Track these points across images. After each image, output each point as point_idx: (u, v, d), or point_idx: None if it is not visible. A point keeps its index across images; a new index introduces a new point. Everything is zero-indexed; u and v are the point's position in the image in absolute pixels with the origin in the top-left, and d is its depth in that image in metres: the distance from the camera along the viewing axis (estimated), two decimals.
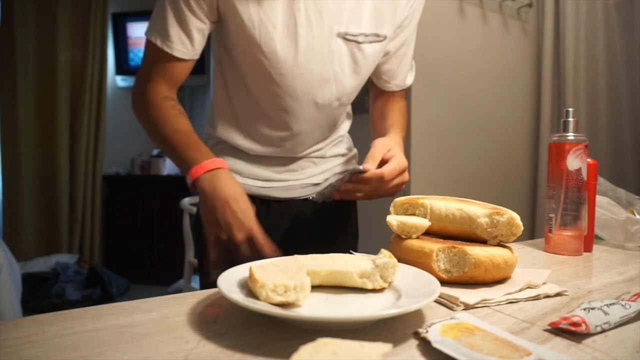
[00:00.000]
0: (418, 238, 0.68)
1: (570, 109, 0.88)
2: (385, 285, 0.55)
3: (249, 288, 0.51)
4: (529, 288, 0.62)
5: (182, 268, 2.38)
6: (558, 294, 0.61)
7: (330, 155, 1.05)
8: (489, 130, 2.40)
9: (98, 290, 3.29)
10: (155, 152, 4.01)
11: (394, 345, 0.43)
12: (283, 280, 0.48)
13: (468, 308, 0.55)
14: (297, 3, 0.85)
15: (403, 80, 1.05)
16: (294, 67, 0.87)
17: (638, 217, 1.00)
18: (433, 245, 0.63)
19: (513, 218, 0.64)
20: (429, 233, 0.71)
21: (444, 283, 0.60)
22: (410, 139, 2.10)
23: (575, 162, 0.85)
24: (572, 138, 0.86)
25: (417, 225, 0.67)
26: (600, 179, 1.01)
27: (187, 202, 2.33)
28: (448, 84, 2.22)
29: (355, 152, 1.12)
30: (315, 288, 0.55)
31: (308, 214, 1.03)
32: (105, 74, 3.89)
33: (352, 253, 0.65)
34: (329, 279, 0.55)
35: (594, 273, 0.76)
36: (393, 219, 0.68)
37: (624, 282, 0.69)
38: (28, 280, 3.03)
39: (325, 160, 1.04)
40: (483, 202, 0.71)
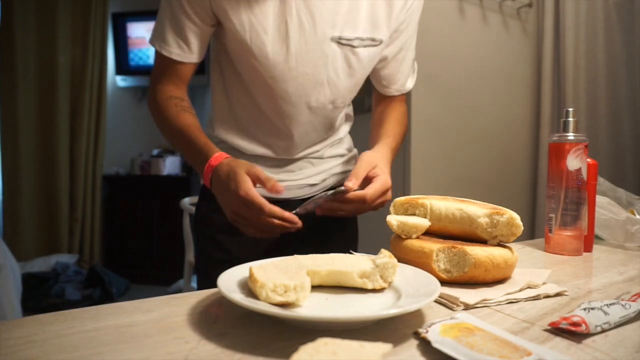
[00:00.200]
0: (418, 238, 0.68)
1: (570, 109, 0.88)
2: (385, 285, 0.55)
3: (249, 288, 0.51)
4: (529, 288, 0.62)
5: (182, 268, 2.38)
6: (558, 294, 0.61)
7: (329, 156, 1.04)
8: (489, 130, 2.40)
9: (98, 290, 3.29)
10: (156, 152, 4.01)
11: (394, 345, 0.44)
12: (283, 280, 0.48)
13: (468, 308, 0.55)
14: (289, 7, 0.85)
15: (403, 85, 1.05)
16: (286, 70, 0.88)
17: (638, 217, 1.00)
18: (433, 245, 0.63)
19: (513, 218, 0.64)
20: (429, 233, 0.71)
21: (444, 283, 0.60)
22: (410, 139, 2.10)
23: (575, 162, 0.85)
24: (572, 138, 0.86)
25: (417, 225, 0.67)
26: (600, 179, 1.01)
27: (187, 202, 2.33)
28: (448, 84, 2.22)
29: (355, 152, 1.12)
30: (315, 288, 0.55)
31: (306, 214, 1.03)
32: (105, 74, 3.89)
33: (352, 253, 0.66)
34: (329, 279, 0.55)
35: (594, 273, 0.76)
36: (393, 219, 0.68)
37: (624, 282, 0.70)
38: (28, 280, 3.03)
39: (324, 161, 1.04)
40: (483, 202, 0.71)
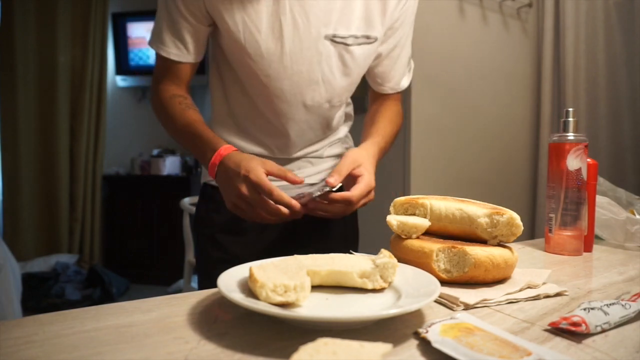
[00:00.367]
0: (418, 238, 0.68)
1: (570, 109, 0.88)
2: (385, 285, 0.55)
3: (249, 288, 0.51)
4: (529, 288, 0.62)
5: (182, 268, 2.38)
6: (558, 294, 0.61)
7: (328, 156, 1.04)
8: (489, 130, 2.40)
9: (98, 290, 3.29)
10: (155, 152, 4.01)
11: (394, 345, 0.43)
12: (283, 280, 0.48)
13: (468, 308, 0.55)
14: (282, 6, 0.85)
15: (397, 83, 1.04)
16: (280, 68, 0.88)
17: (638, 217, 1.00)
18: (433, 245, 0.63)
19: (513, 218, 0.64)
20: (429, 233, 0.71)
21: (444, 283, 0.60)
22: (410, 139, 2.10)
23: (575, 162, 0.85)
24: (572, 138, 0.86)
25: (417, 225, 0.67)
26: (600, 179, 1.01)
27: (187, 202, 2.33)
28: (448, 84, 2.22)
29: None
30: (315, 288, 0.55)
31: (306, 214, 1.02)
32: (105, 74, 3.89)
33: (352, 253, 0.65)
34: (329, 279, 0.55)
35: (594, 273, 0.76)
36: (393, 219, 0.68)
37: (624, 282, 0.70)
38: (28, 280, 3.03)
39: (323, 161, 1.04)
40: (483, 202, 0.71)
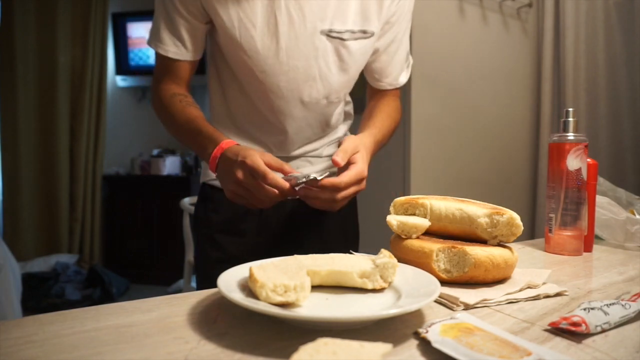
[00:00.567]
0: (418, 238, 0.68)
1: (570, 109, 0.88)
2: (385, 285, 0.55)
3: (249, 288, 0.51)
4: (529, 288, 0.62)
5: (182, 268, 2.38)
6: (558, 294, 0.61)
7: (327, 155, 1.04)
8: (489, 130, 2.40)
9: (98, 290, 3.29)
10: (155, 152, 4.01)
11: (394, 345, 0.43)
12: (283, 280, 0.48)
13: (468, 308, 0.55)
14: (277, 1, 0.85)
15: (395, 79, 1.03)
16: (276, 64, 0.88)
17: (638, 217, 1.00)
18: (433, 245, 0.63)
19: (513, 218, 0.64)
20: (429, 233, 0.71)
21: (444, 283, 0.60)
22: (410, 139, 2.10)
23: (575, 162, 0.85)
24: (572, 138, 0.86)
25: (417, 225, 0.67)
26: (600, 179, 1.01)
27: (187, 202, 2.33)
28: (448, 84, 2.22)
29: None
30: (315, 288, 0.55)
31: (306, 214, 1.02)
32: (105, 74, 3.89)
33: (352, 253, 0.65)
34: (329, 279, 0.55)
35: (594, 273, 0.76)
36: (393, 219, 0.68)
37: (624, 282, 0.69)
38: (28, 280, 3.03)
39: (322, 160, 1.03)
40: (483, 202, 0.71)
